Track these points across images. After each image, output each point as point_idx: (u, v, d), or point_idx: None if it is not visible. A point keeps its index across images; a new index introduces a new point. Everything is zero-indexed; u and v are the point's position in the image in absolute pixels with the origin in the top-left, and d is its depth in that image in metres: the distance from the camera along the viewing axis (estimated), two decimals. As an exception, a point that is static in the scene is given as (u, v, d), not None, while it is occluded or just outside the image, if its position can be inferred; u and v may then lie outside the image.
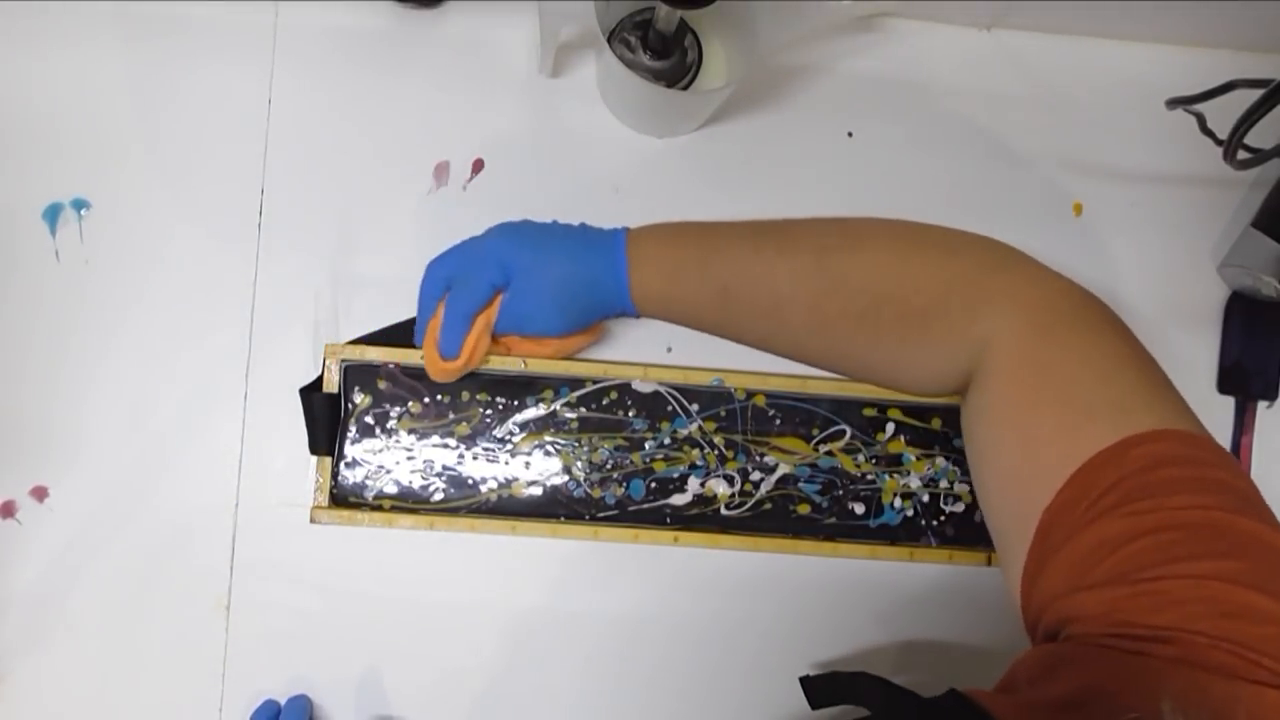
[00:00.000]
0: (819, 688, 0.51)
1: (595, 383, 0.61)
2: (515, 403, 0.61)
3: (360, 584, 0.61)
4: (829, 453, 0.63)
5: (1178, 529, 0.39)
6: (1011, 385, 0.46)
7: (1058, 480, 0.42)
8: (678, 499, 0.61)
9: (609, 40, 0.63)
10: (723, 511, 0.62)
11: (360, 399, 0.60)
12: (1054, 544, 0.41)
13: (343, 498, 0.60)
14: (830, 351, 0.52)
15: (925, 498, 0.63)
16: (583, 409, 0.61)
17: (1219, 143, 0.60)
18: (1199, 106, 0.61)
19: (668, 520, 0.61)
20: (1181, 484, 0.40)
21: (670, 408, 0.62)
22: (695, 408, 0.62)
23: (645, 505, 0.61)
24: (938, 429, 0.63)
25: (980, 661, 0.65)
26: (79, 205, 0.61)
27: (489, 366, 0.61)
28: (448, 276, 0.57)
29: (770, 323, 0.52)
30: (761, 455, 0.62)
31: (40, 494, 0.60)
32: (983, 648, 0.65)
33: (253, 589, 0.61)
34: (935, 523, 0.63)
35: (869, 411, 0.63)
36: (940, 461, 0.63)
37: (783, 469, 0.62)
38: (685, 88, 0.65)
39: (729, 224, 0.53)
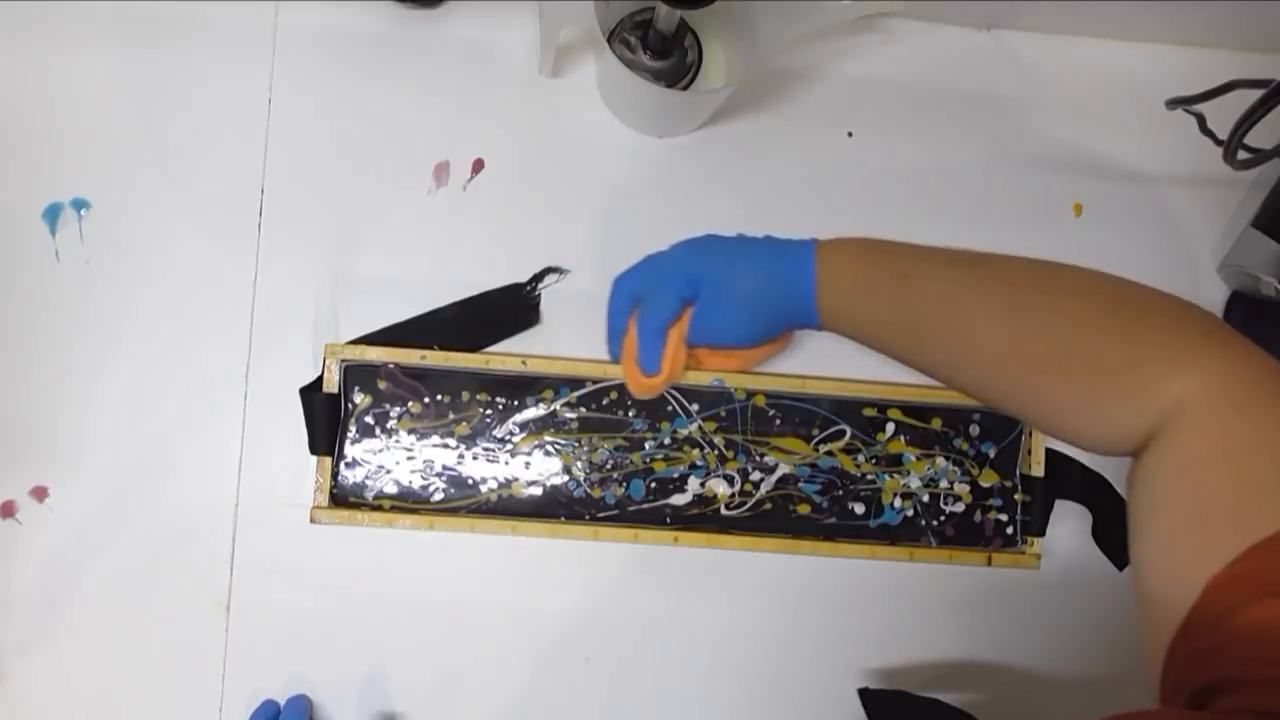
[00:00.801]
0: (879, 702, 0.50)
1: (595, 383, 0.61)
2: (515, 403, 0.61)
3: (360, 584, 0.61)
4: (829, 453, 0.63)
5: None
6: (1195, 454, 0.45)
7: (1230, 551, 0.41)
8: (678, 499, 0.61)
9: (609, 40, 0.63)
10: (723, 511, 0.62)
11: (360, 399, 0.60)
12: (1221, 611, 0.41)
13: (343, 498, 0.60)
14: (1014, 393, 0.51)
15: (925, 498, 0.63)
16: (583, 409, 0.61)
17: (1219, 143, 0.60)
18: (1199, 106, 0.61)
19: (668, 520, 0.61)
20: None
21: (670, 408, 0.62)
22: (695, 408, 0.62)
23: (645, 505, 0.61)
24: (938, 429, 0.63)
25: (981, 662, 0.65)
26: (79, 205, 0.61)
27: (489, 367, 0.61)
28: (635, 292, 0.58)
29: (957, 355, 0.52)
30: (761, 455, 0.62)
31: (40, 494, 0.60)
32: (983, 647, 0.65)
33: (253, 589, 0.61)
34: (935, 523, 0.63)
35: (869, 411, 0.63)
36: (940, 461, 0.63)
37: (783, 469, 0.62)
38: (685, 88, 0.65)
39: (923, 247, 0.53)
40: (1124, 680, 0.66)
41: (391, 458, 0.60)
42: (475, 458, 0.61)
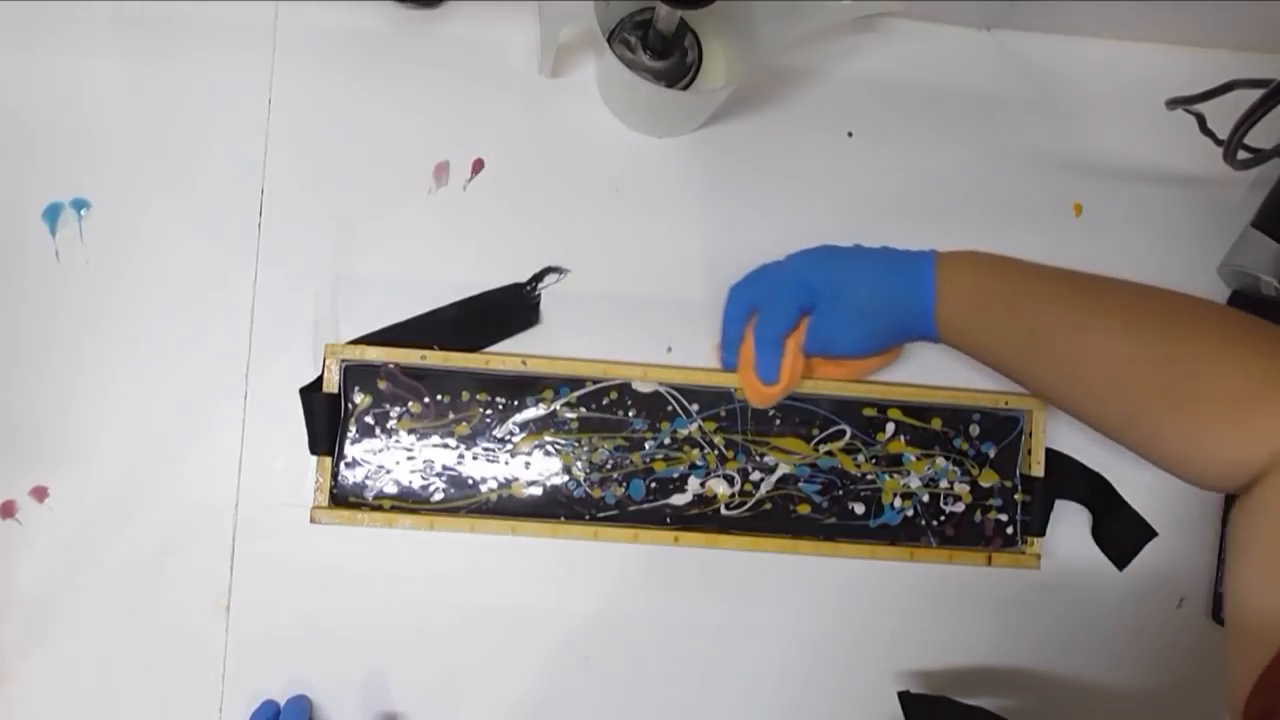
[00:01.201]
0: (920, 708, 0.49)
1: (595, 382, 0.61)
2: (515, 403, 0.61)
3: (360, 584, 0.61)
4: (829, 453, 0.63)
5: None
6: None
7: None
8: (678, 499, 0.61)
9: (609, 40, 0.63)
10: (723, 511, 0.62)
11: (360, 399, 0.60)
12: None
13: (343, 498, 0.60)
14: (1126, 418, 0.51)
15: (925, 498, 0.63)
16: (582, 409, 0.61)
17: (1219, 143, 0.60)
18: (1199, 106, 0.61)
19: (668, 520, 0.61)
20: None
21: (670, 407, 0.62)
22: (695, 407, 0.62)
23: (645, 505, 0.61)
24: (938, 429, 0.63)
25: (980, 661, 0.65)
26: (79, 205, 0.61)
27: (489, 367, 0.61)
28: (752, 301, 0.59)
29: (1072, 376, 0.52)
30: (761, 455, 0.62)
31: (40, 494, 0.60)
32: (982, 647, 0.65)
33: (253, 589, 0.61)
34: (935, 523, 0.63)
35: (869, 411, 0.63)
36: (940, 462, 0.63)
37: (783, 469, 0.62)
38: (685, 88, 0.65)
39: (1041, 266, 0.53)
40: (1124, 680, 0.66)
41: (391, 458, 0.60)
42: (475, 458, 0.61)
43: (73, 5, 0.62)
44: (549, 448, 0.61)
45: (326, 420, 0.60)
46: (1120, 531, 0.66)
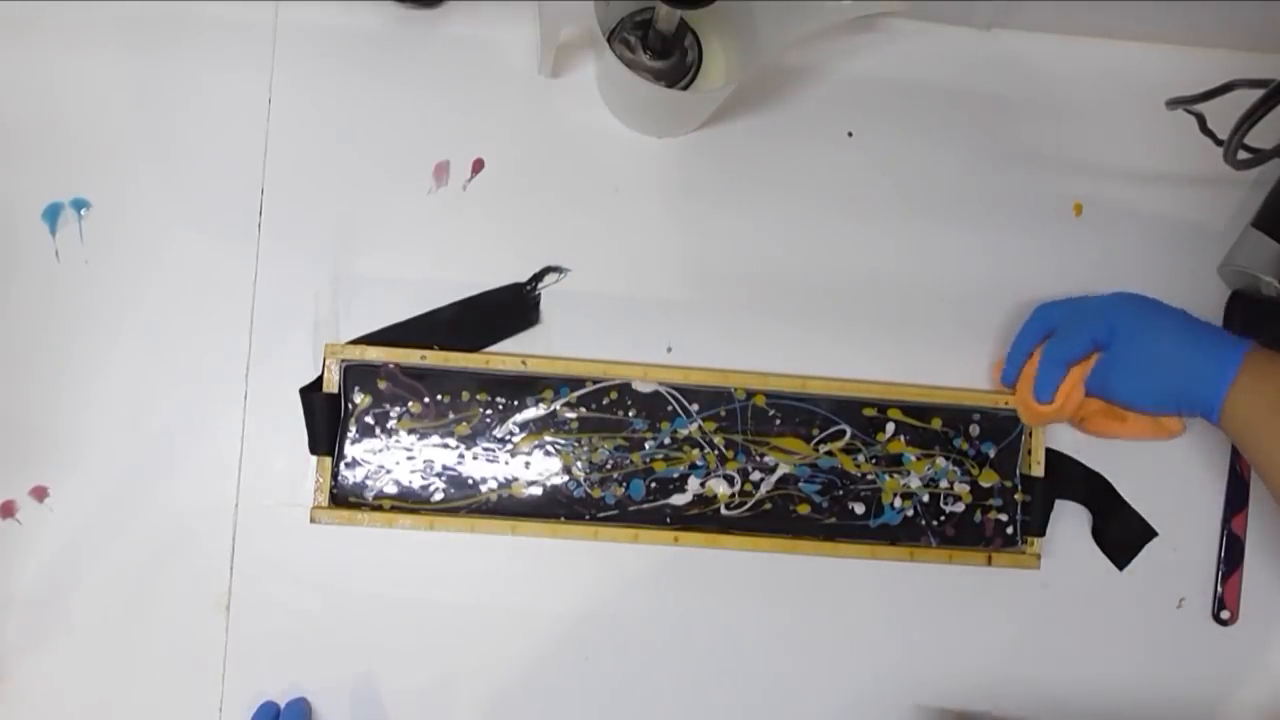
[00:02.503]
0: None
1: (595, 382, 0.61)
2: (515, 402, 0.61)
3: (360, 584, 0.61)
4: (829, 453, 0.63)
5: None
6: None
7: None
8: (678, 499, 0.61)
9: (609, 40, 0.63)
10: (723, 511, 0.62)
11: (360, 399, 0.60)
12: None
13: (343, 498, 0.60)
14: None
15: (925, 498, 0.63)
16: (583, 409, 0.61)
17: (1219, 143, 0.60)
18: (1199, 106, 0.61)
19: (668, 520, 0.61)
20: None
21: (670, 407, 0.62)
22: (695, 408, 0.62)
23: (645, 505, 0.61)
24: (938, 429, 0.63)
25: (980, 661, 0.65)
26: (79, 205, 0.61)
27: (489, 367, 0.61)
28: (1052, 323, 0.60)
29: None
30: (761, 455, 0.62)
31: (40, 494, 0.60)
32: (982, 647, 0.65)
33: (253, 589, 0.61)
34: (935, 523, 0.63)
35: (869, 411, 0.63)
36: (940, 462, 0.63)
37: (783, 469, 0.62)
38: (685, 88, 0.65)
39: None
40: (1124, 680, 0.66)
41: (391, 458, 0.60)
42: (475, 458, 0.61)
43: (73, 5, 0.62)
44: (549, 448, 0.61)
45: (326, 420, 0.60)
46: (1120, 531, 0.66)
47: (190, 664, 0.60)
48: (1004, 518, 0.64)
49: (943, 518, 0.63)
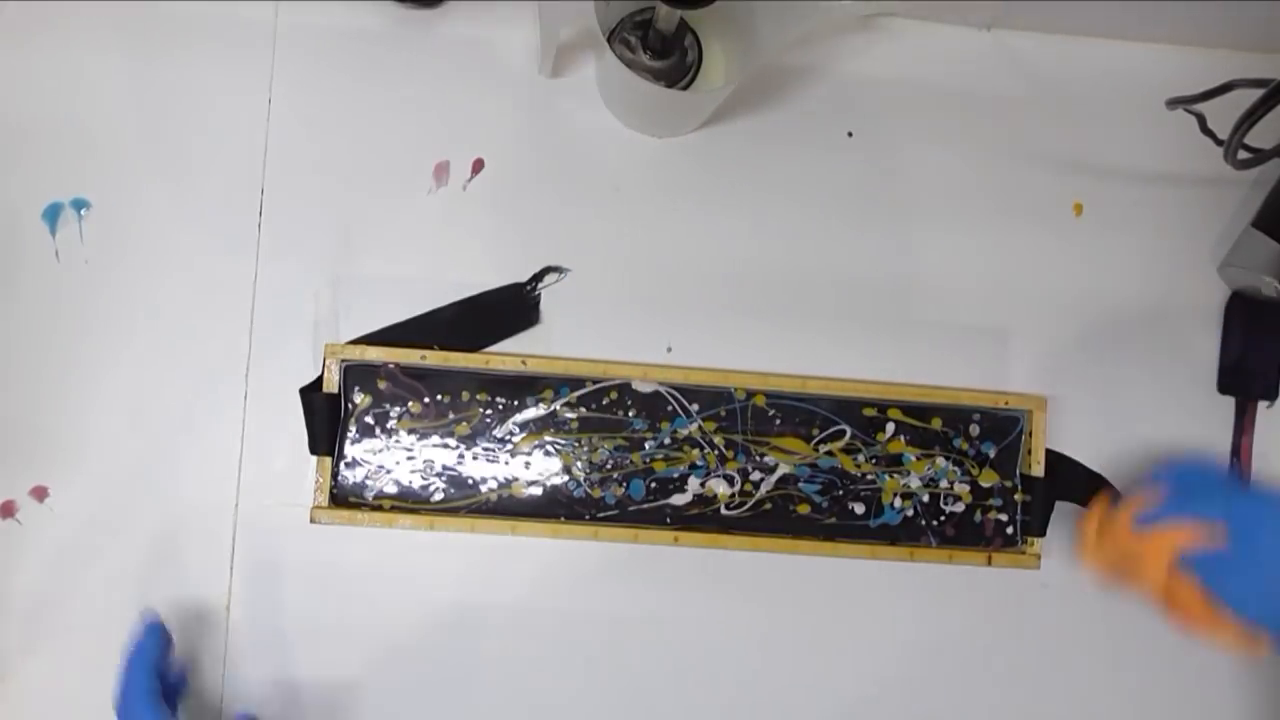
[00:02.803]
0: None
1: (595, 383, 0.61)
2: (515, 402, 0.61)
3: (360, 584, 0.61)
4: (829, 453, 0.63)
5: None
6: None
7: None
8: (678, 499, 0.61)
9: (609, 40, 0.63)
10: (723, 511, 0.62)
11: (360, 399, 0.60)
12: None
13: (343, 498, 0.60)
14: None
15: (925, 498, 0.63)
16: (583, 409, 0.61)
17: (1219, 143, 0.60)
18: (1199, 106, 0.61)
19: (668, 520, 0.61)
20: None
21: (670, 407, 0.62)
22: (695, 408, 0.62)
23: (645, 505, 0.61)
24: (938, 429, 0.63)
25: (979, 661, 0.65)
26: (79, 205, 0.61)
27: (489, 367, 0.60)
28: (1181, 474, 0.56)
29: None
30: (761, 455, 0.62)
31: (40, 494, 0.60)
32: (982, 647, 0.65)
33: (253, 589, 0.61)
34: (935, 523, 0.63)
35: (869, 411, 0.63)
36: (940, 461, 0.63)
37: (783, 469, 0.62)
38: (685, 88, 0.65)
39: None
40: (1124, 680, 0.66)
41: (391, 458, 0.60)
42: (475, 458, 0.61)
43: (73, 6, 0.62)
44: (549, 448, 0.61)
45: (326, 420, 0.60)
46: (1120, 532, 0.66)
47: (190, 664, 0.60)
48: (1004, 518, 0.64)
49: (943, 518, 0.63)
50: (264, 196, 0.63)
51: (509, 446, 0.61)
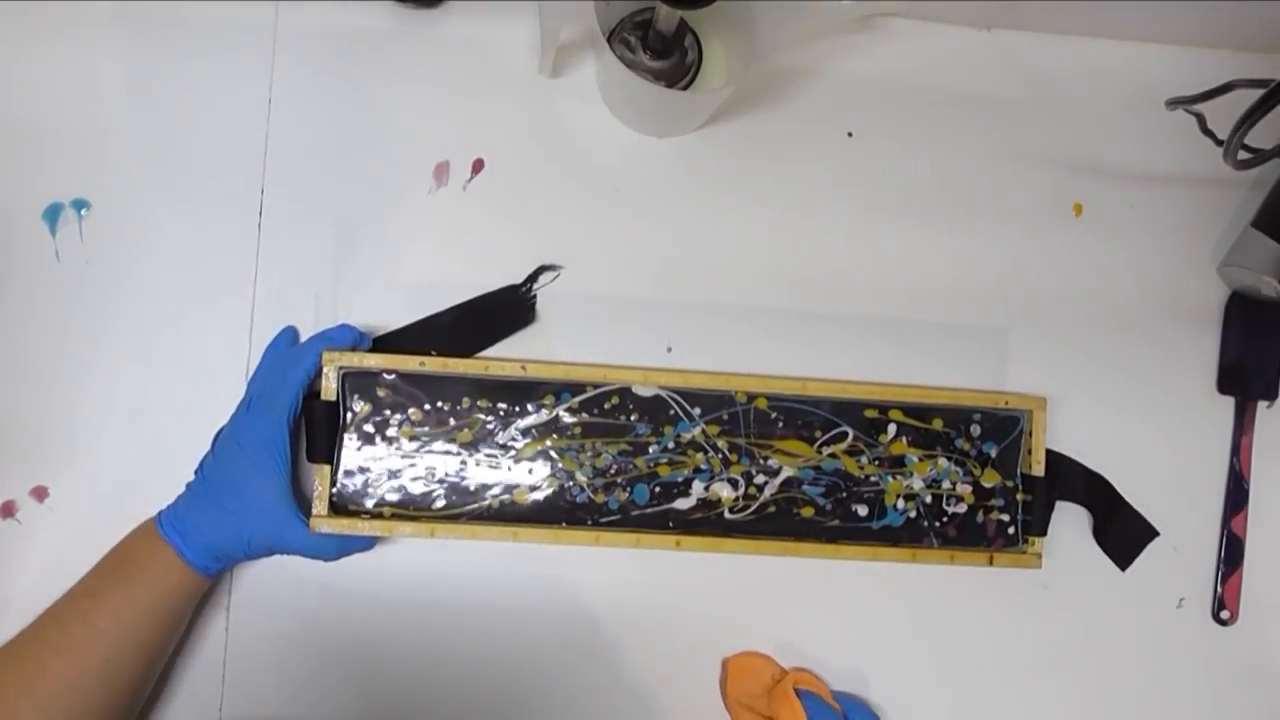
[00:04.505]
0: None
1: (596, 387, 0.61)
2: (516, 408, 0.61)
3: (360, 585, 0.61)
4: (832, 455, 0.62)
5: None
6: None
7: None
8: (682, 503, 0.61)
9: (609, 40, 0.63)
10: (726, 515, 0.61)
11: (360, 406, 0.59)
12: None
13: (342, 505, 0.59)
14: None
15: (928, 499, 0.63)
16: (584, 414, 0.61)
17: (1219, 143, 0.60)
18: (1199, 106, 0.61)
19: (670, 525, 0.61)
20: None
21: (672, 411, 0.62)
22: (697, 411, 0.62)
23: (649, 510, 0.61)
24: (939, 429, 0.63)
25: (981, 661, 0.65)
26: (79, 205, 0.61)
27: (489, 373, 0.60)
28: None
29: None
30: (765, 458, 0.62)
31: (40, 494, 0.60)
32: (983, 647, 0.65)
33: (253, 590, 0.61)
34: (938, 524, 0.63)
35: (870, 413, 0.63)
36: (942, 463, 0.63)
37: (786, 472, 0.62)
38: (685, 88, 0.65)
39: None
40: (1124, 680, 0.66)
41: (392, 465, 0.60)
42: (478, 464, 0.60)
43: (73, 5, 0.62)
44: (552, 453, 0.61)
45: (325, 428, 0.59)
46: (1122, 531, 0.66)
47: (190, 663, 0.60)
48: (1005, 518, 0.64)
49: (945, 518, 0.63)
50: (264, 196, 0.63)
51: (512, 453, 0.60)
